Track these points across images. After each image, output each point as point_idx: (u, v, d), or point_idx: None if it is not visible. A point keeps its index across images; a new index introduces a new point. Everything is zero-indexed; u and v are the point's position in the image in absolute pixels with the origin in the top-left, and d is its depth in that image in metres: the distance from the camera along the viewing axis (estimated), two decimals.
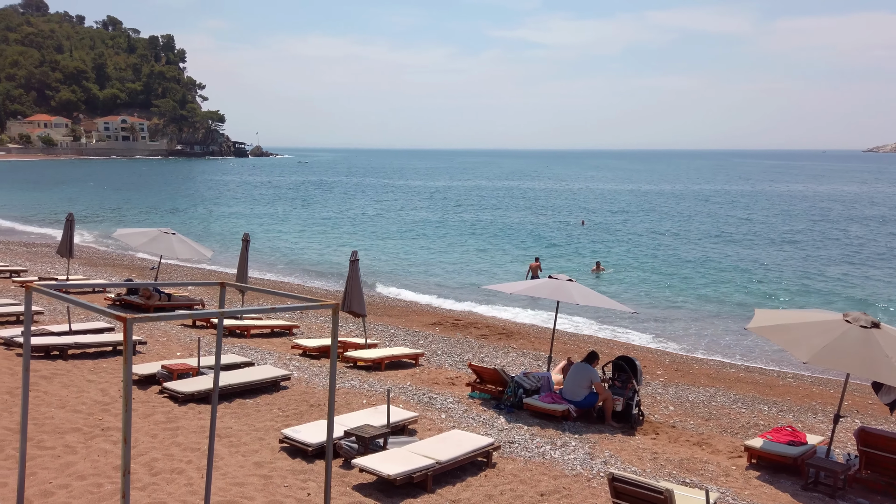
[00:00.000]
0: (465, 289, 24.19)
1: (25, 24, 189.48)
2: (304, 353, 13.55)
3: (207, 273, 25.66)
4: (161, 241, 16.81)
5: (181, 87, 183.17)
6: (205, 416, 8.76)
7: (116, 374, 10.46)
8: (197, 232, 36.28)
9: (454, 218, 48.79)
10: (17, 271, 20.86)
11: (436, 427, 9.04)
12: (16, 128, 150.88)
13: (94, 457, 6.97)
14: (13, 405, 8.38)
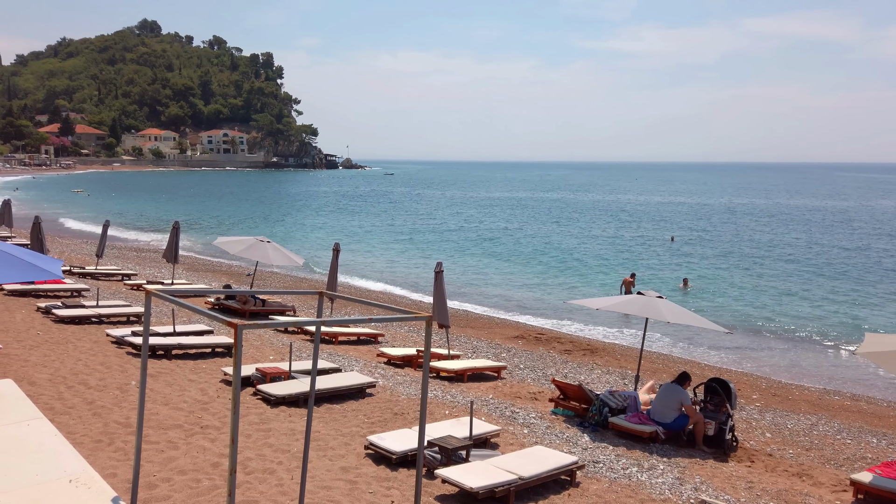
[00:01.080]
0: (549, 302, 23.91)
1: (141, 45, 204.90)
2: (388, 362, 13.81)
3: (298, 280, 26.65)
4: (257, 249, 17.64)
5: (278, 102, 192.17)
6: (295, 419, 9.08)
7: (215, 374, 11.02)
8: (289, 240, 37.76)
9: (537, 230, 48.41)
10: (128, 274, 22.42)
11: (518, 442, 8.97)
12: (130, 141, 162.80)
13: (193, 453, 7.37)
14: (123, 400, 8.99)
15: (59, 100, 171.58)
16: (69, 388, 9.21)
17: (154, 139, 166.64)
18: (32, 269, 6.79)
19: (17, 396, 3.39)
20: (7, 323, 12.97)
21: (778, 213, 67.38)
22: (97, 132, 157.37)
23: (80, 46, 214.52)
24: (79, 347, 11.70)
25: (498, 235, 44.90)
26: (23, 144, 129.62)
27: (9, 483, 2.52)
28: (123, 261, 27.20)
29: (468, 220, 56.99)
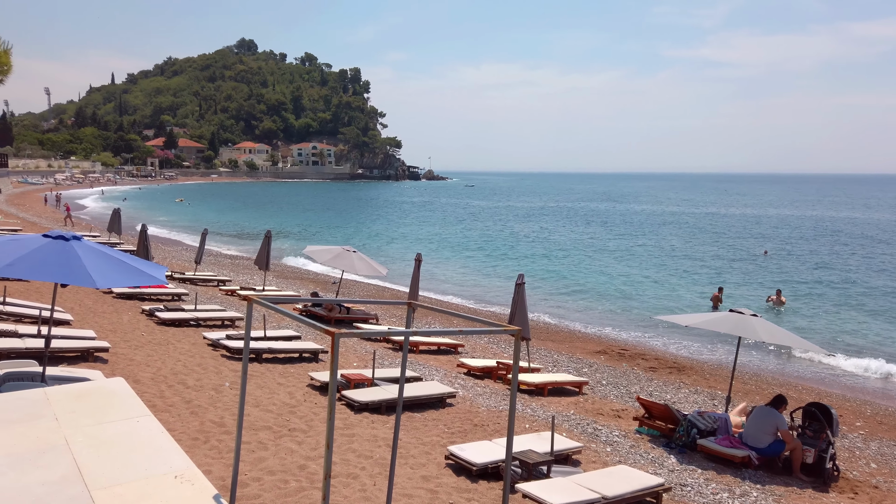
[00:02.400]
0: (633, 317, 23.25)
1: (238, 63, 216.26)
2: (468, 372, 13.84)
3: (381, 290, 27.17)
4: (343, 258, 18.15)
5: (364, 115, 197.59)
6: (377, 425, 9.26)
7: (302, 378, 11.41)
8: (373, 250, 38.61)
9: (619, 243, 47.26)
10: (223, 280, 23.59)
11: (600, 460, 8.76)
12: (226, 153, 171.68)
13: (281, 454, 7.65)
14: (217, 401, 9.46)
15: (164, 115, 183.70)
16: (170, 387, 9.78)
17: (249, 152, 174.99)
18: (141, 274, 7.28)
19: (128, 394, 3.64)
20: (115, 324, 13.93)
21: (880, 229, 62.75)
22: (197, 145, 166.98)
23: (184, 65, 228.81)
24: (178, 349, 12.40)
25: (579, 247, 44.17)
26: (131, 157, 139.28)
27: (122, 475, 2.71)
28: (219, 267, 28.63)
29: (548, 230, 56.41)
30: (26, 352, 9.67)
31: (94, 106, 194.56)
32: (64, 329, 11.73)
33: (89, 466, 2.80)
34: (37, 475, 2.70)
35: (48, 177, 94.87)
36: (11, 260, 6.57)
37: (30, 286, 16.68)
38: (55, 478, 2.69)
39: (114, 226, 28.19)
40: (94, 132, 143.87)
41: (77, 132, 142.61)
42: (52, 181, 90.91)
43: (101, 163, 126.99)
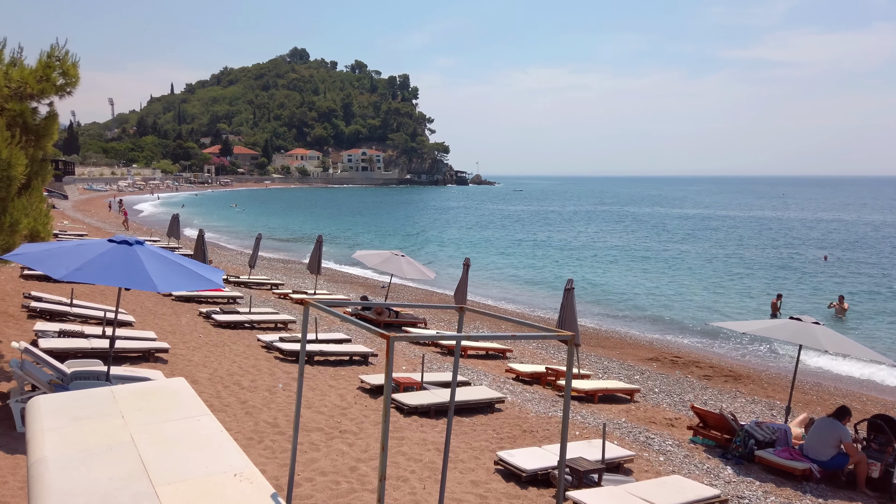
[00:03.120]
0: (686, 323, 22.71)
1: (291, 71, 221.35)
2: (516, 378, 13.77)
3: (429, 294, 27.30)
4: (392, 262, 18.33)
5: (413, 121, 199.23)
6: (426, 429, 9.30)
7: (352, 381, 11.56)
8: (421, 254, 38.85)
9: (673, 248, 46.23)
10: (275, 284, 24.12)
11: (653, 469, 8.59)
12: (279, 160, 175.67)
13: (333, 456, 7.77)
14: (271, 402, 9.68)
15: (220, 123, 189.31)
16: (225, 388, 10.06)
17: (300, 158, 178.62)
18: (199, 278, 7.52)
19: (189, 394, 3.77)
20: (174, 325, 14.41)
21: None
22: (252, 152, 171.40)
23: (239, 74, 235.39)
24: (234, 350, 12.74)
25: (629, 251, 43.42)
26: (189, 164, 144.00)
27: (184, 472, 2.81)
28: (272, 271, 29.29)
29: (597, 235, 55.64)
30: (92, 352, 10.10)
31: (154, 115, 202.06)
32: (126, 330, 12.20)
33: (153, 463, 2.91)
34: (105, 470, 2.82)
35: (111, 184, 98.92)
36: (79, 265, 6.89)
37: (95, 288, 17.40)
38: (122, 473, 2.81)
39: (173, 231, 29.17)
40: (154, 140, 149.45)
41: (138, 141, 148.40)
42: (115, 188, 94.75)
43: (161, 170, 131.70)
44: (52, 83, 9.31)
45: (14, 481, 5.82)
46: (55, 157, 17.66)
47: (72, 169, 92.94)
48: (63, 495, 2.60)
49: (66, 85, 9.47)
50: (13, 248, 7.65)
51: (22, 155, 7.81)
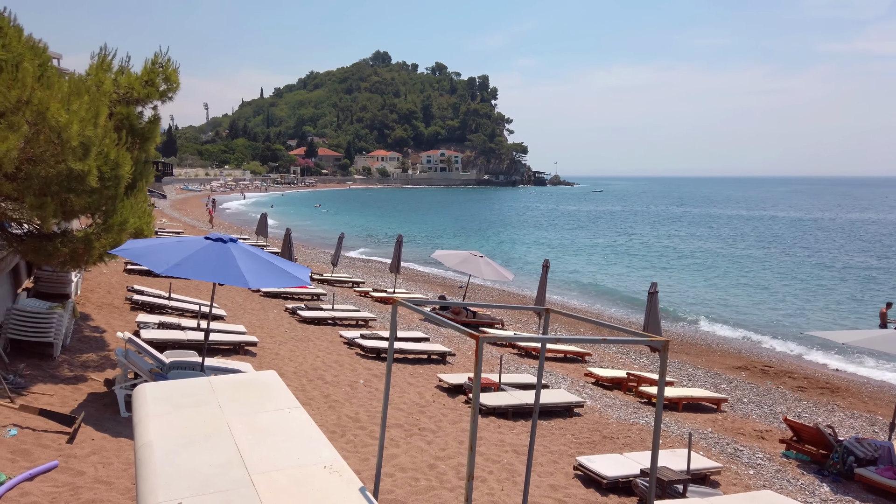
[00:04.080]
0: (779, 332, 21.58)
1: (373, 74, 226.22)
2: (596, 382, 13.51)
3: (506, 295, 27.20)
4: (470, 263, 18.40)
5: (491, 122, 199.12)
6: (504, 430, 9.28)
7: (430, 379, 11.69)
8: (498, 255, 38.76)
9: (764, 252, 44.03)
10: (356, 282, 24.70)
11: (742, 483, 8.22)
12: (361, 161, 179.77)
13: (412, 452, 7.88)
14: (353, 397, 9.92)
15: (306, 126, 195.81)
16: (310, 382, 10.39)
17: (381, 160, 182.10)
18: (288, 276, 7.80)
19: (280, 386, 3.91)
20: (262, 320, 15.01)
21: None
22: (335, 154, 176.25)
23: (325, 78, 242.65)
24: (317, 346, 13.14)
25: (716, 255, 41.69)
26: (276, 165, 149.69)
27: (277, 462, 2.93)
28: (353, 269, 30.01)
29: (680, 237, 53.73)
30: (188, 343, 10.67)
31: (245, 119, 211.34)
32: (219, 324, 12.82)
33: (248, 451, 3.04)
34: (205, 457, 2.98)
35: (205, 184, 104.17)
36: (178, 260, 7.30)
37: (190, 283, 18.38)
38: (220, 460, 2.96)
39: (261, 229, 30.40)
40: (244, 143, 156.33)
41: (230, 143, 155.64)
42: (209, 188, 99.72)
43: (251, 171, 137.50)
44: (156, 88, 9.92)
45: (118, 462, 6.23)
46: (156, 158, 18.96)
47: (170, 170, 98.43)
48: (168, 478, 2.76)
49: (168, 90, 10.07)
50: (120, 245, 8.20)
51: (129, 156, 8.36)
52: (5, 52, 7.68)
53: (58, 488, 5.48)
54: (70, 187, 7.40)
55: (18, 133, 6.93)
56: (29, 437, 6.30)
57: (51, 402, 7.36)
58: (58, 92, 7.48)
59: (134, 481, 5.78)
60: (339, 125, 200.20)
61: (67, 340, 9.63)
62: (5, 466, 5.60)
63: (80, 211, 8.16)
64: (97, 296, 13.81)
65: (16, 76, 7.20)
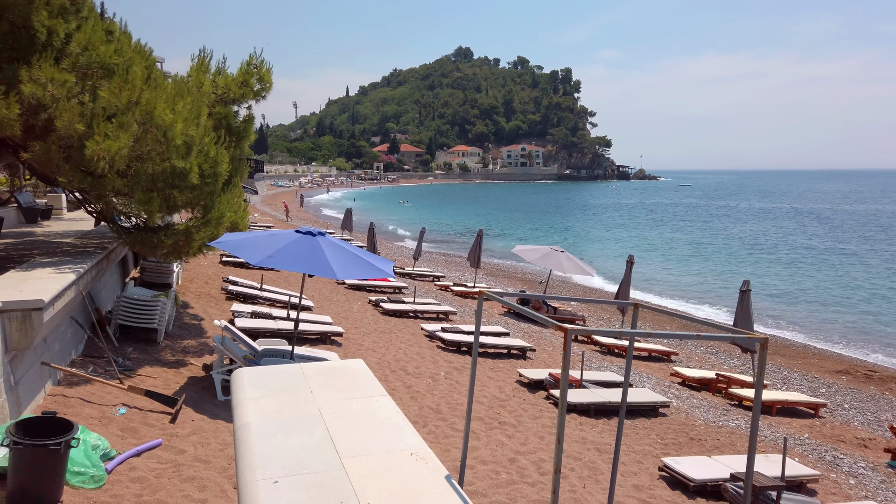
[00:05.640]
0: (884, 335, 20.14)
1: (455, 70, 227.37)
2: (682, 382, 13.09)
3: (588, 291, 26.75)
4: (551, 258, 18.21)
5: (574, 115, 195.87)
6: (586, 428, 9.16)
7: (510, 374, 11.68)
8: (580, 250, 38.13)
9: (869, 249, 41.11)
10: (437, 276, 24.97)
11: (842, 493, 7.76)
12: (441, 157, 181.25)
13: (492, 446, 7.91)
14: (434, 388, 10.06)
15: (389, 123, 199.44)
16: (392, 373, 10.61)
17: (462, 155, 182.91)
18: (373, 268, 8.00)
19: (367, 375, 4.03)
20: (347, 312, 15.45)
21: None
22: (417, 150, 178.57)
23: (408, 76, 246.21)
24: (399, 337, 13.40)
25: (814, 253, 39.31)
26: (361, 162, 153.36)
27: (366, 448, 3.03)
28: (433, 264, 30.35)
29: (774, 233, 50.98)
30: (278, 332, 11.14)
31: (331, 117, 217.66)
32: (306, 314, 13.30)
33: (339, 436, 3.16)
34: (298, 439, 3.12)
35: (293, 180, 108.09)
36: (271, 252, 7.62)
37: (279, 275, 19.15)
38: (312, 443, 3.09)
39: (346, 223, 31.24)
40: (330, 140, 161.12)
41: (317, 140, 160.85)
42: (297, 184, 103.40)
43: (336, 167, 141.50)
44: (251, 88, 10.38)
45: (215, 443, 6.60)
46: (249, 156, 20.20)
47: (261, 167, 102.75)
48: (264, 458, 2.91)
49: (262, 90, 10.52)
50: (217, 238, 8.65)
51: (226, 154, 8.81)
52: (117, 57, 8.26)
53: (162, 465, 5.87)
54: (174, 183, 7.87)
55: (129, 132, 7.44)
56: (136, 416, 6.78)
57: (155, 384, 7.88)
58: (163, 93, 7.97)
59: (230, 461, 6.11)
60: (420, 121, 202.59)
61: (170, 327, 10.27)
62: (115, 442, 6.05)
63: (181, 205, 8.66)
64: (196, 286, 14.63)
65: (126, 79, 7.73)
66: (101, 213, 9.28)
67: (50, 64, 7.51)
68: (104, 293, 10.04)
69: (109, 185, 7.65)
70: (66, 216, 18.33)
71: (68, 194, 16.90)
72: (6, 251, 10.88)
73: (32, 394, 6.28)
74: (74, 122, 7.34)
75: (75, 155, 7.49)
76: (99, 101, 7.69)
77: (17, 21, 7.37)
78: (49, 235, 13.21)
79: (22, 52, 7.62)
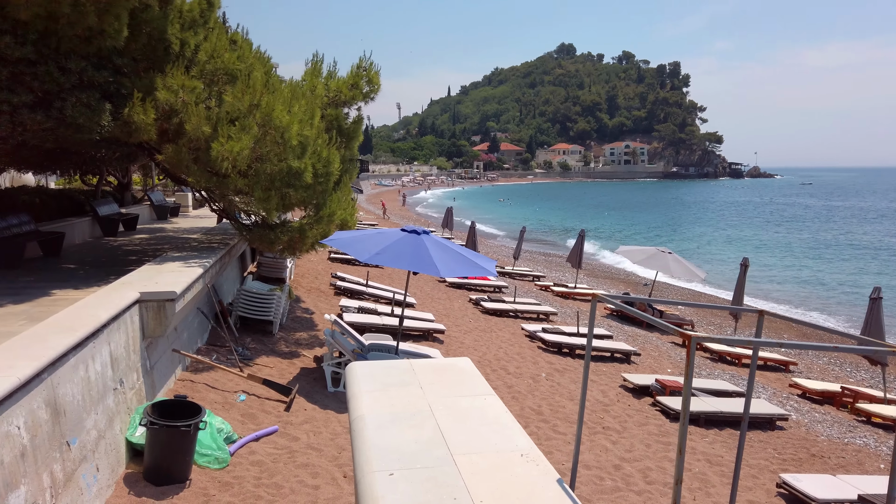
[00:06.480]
0: None
1: (557, 67, 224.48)
2: (802, 395, 12.25)
3: (696, 294, 25.60)
4: (658, 259, 17.58)
5: (682, 110, 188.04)
6: (695, 438, 8.78)
7: (614, 378, 11.39)
8: (688, 252, 36.54)
9: None
10: (537, 276, 24.75)
11: None
12: (542, 155, 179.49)
13: (596, 451, 7.75)
14: (535, 389, 9.99)
15: (489, 122, 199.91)
16: (493, 372, 10.63)
17: (562, 153, 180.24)
18: (476, 267, 8.06)
19: (475, 373, 4.06)
20: (448, 309, 15.64)
21: None
22: (516, 148, 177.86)
23: (509, 74, 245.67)
24: (500, 336, 13.40)
25: None
26: (461, 161, 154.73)
27: (476, 446, 3.05)
28: (533, 263, 30.10)
29: None
30: (383, 327, 11.46)
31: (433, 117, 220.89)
32: (410, 311, 13.58)
33: (449, 433, 3.21)
34: (410, 434, 3.19)
35: (396, 179, 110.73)
36: (378, 250, 7.85)
37: (382, 271, 19.69)
38: (424, 438, 3.15)
39: (447, 222, 31.62)
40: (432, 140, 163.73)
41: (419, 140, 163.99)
42: (400, 183, 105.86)
43: (437, 167, 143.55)
44: (360, 91, 10.73)
45: (326, 432, 6.88)
46: (357, 156, 20.81)
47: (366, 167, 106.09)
48: (380, 450, 3.01)
49: (371, 92, 10.84)
50: (329, 235, 9.02)
51: (337, 154, 9.15)
52: (240, 63, 8.79)
53: (278, 450, 6.20)
54: (289, 182, 8.28)
55: (250, 134, 7.90)
56: (255, 403, 7.19)
57: (271, 373, 8.32)
58: (280, 96, 8.40)
59: (339, 450, 6.35)
60: (521, 120, 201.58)
61: (284, 319, 10.81)
62: (236, 427, 6.45)
63: (296, 204, 9.09)
64: (306, 281, 15.32)
65: (248, 84, 8.21)
66: (223, 210, 9.91)
67: (181, 72, 8.10)
68: (226, 286, 10.73)
69: (232, 184, 8.15)
70: (191, 213, 19.71)
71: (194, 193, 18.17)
72: (141, 245, 11.85)
73: (164, 378, 6.81)
74: (202, 126, 7.89)
75: (202, 156, 8.04)
76: (223, 105, 8.22)
77: (154, 34, 8.00)
78: (177, 231, 14.26)
79: (157, 62, 8.27)
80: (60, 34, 6.84)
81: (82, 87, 7.28)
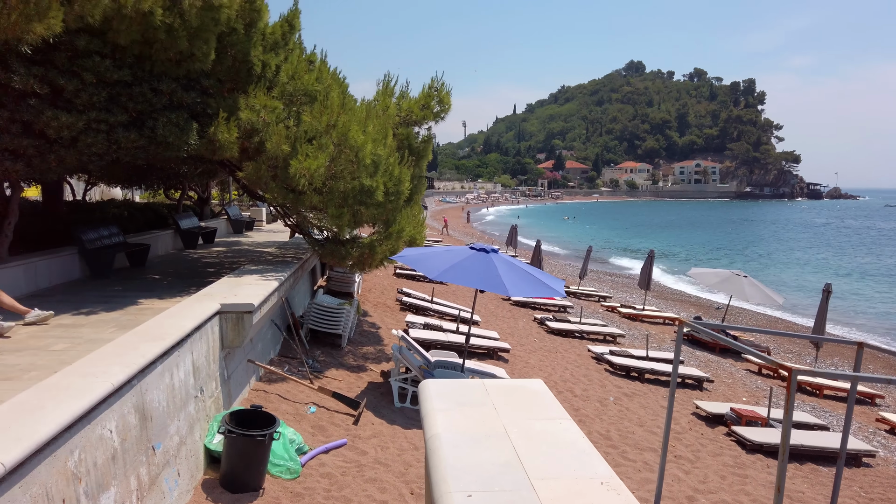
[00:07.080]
0: None
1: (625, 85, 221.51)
2: (891, 430, 11.50)
3: (773, 321, 24.51)
4: (732, 283, 16.95)
5: (756, 129, 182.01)
6: (772, 470, 8.36)
7: (685, 405, 11.01)
8: (763, 276, 35.06)
9: None
10: (603, 297, 24.28)
11: None
12: (608, 174, 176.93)
13: (668, 480, 7.49)
14: (603, 413, 9.76)
15: (554, 140, 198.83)
16: (559, 393, 10.46)
17: (630, 171, 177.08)
18: (544, 287, 7.98)
19: (548, 396, 4.01)
20: (513, 328, 15.53)
21: None
22: (582, 166, 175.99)
23: (575, 92, 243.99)
24: (565, 357, 13.19)
25: None
26: (525, 179, 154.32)
27: (554, 471, 3.01)
28: (599, 283, 29.55)
29: None
30: (448, 344, 11.47)
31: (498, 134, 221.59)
32: (475, 328, 13.56)
33: (526, 456, 3.17)
34: (486, 455, 3.17)
35: (460, 196, 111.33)
36: (447, 267, 7.89)
37: (447, 287, 19.76)
38: (500, 460, 3.13)
39: (511, 240, 31.51)
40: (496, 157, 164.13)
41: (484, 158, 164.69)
42: (464, 200, 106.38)
43: (501, 184, 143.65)
44: (431, 110, 10.88)
45: (393, 447, 6.92)
46: (425, 174, 21.03)
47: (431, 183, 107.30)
48: (456, 471, 3.00)
49: (441, 112, 10.98)
50: (398, 252, 9.14)
51: (408, 173, 9.29)
52: (318, 84, 9.08)
53: (346, 463, 6.27)
54: (362, 200, 8.45)
55: (326, 152, 8.13)
56: (324, 415, 7.32)
57: (339, 386, 8.46)
58: (355, 116, 8.62)
59: (406, 466, 6.38)
60: (587, 137, 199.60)
61: (352, 333, 10.99)
62: (307, 438, 6.57)
63: (366, 220, 9.27)
64: (373, 296, 15.54)
65: (325, 104, 8.47)
66: (297, 225, 10.20)
67: (263, 92, 8.44)
68: (297, 299, 11.01)
69: (308, 200, 8.39)
70: (264, 227, 20.40)
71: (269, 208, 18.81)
72: (219, 258, 12.33)
73: (240, 387, 7.03)
74: (281, 144, 8.17)
75: (280, 173, 8.32)
76: (302, 124, 8.50)
77: (239, 56, 8.37)
78: (252, 245, 14.77)
79: (241, 82, 8.64)
80: (154, 58, 7.26)
81: (172, 107, 7.69)
